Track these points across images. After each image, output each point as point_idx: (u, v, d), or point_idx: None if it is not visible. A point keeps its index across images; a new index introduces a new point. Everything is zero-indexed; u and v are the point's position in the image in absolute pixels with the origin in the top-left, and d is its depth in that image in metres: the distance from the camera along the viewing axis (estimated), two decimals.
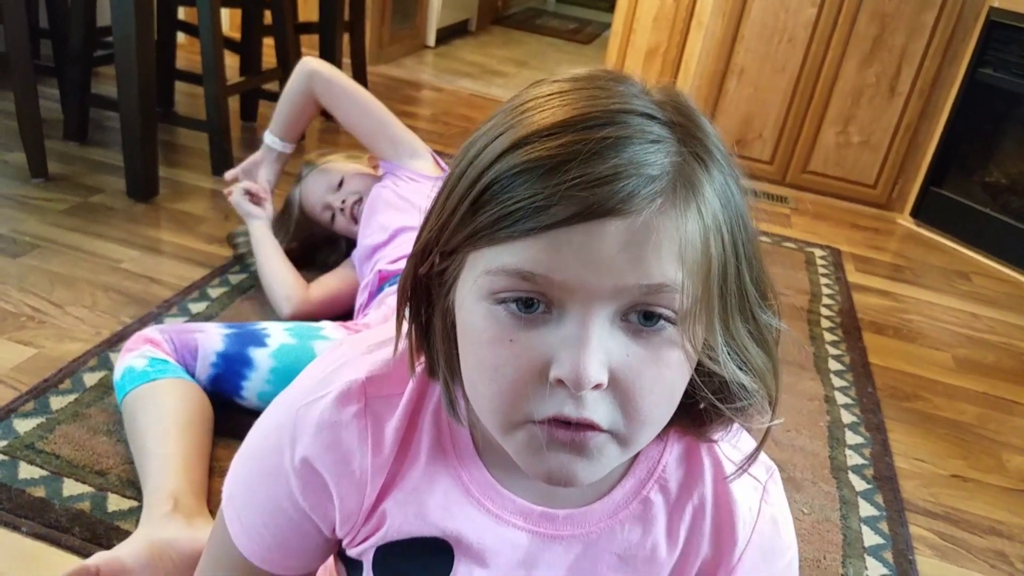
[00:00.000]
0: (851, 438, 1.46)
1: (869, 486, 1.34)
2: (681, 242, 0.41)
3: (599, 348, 0.41)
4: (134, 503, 1.04)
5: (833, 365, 1.71)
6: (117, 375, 1.17)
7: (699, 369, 0.46)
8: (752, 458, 0.52)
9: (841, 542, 1.19)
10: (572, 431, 0.42)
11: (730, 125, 2.88)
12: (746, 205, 0.46)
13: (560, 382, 0.41)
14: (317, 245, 1.79)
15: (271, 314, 1.51)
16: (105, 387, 1.25)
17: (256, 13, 2.48)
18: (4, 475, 1.06)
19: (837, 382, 1.64)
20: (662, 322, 0.42)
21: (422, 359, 0.51)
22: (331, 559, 0.64)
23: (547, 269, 0.40)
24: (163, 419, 1.09)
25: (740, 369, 0.46)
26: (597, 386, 0.41)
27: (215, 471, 1.11)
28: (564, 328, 0.41)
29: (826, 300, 2.03)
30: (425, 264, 0.46)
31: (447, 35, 4.48)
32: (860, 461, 1.40)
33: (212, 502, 1.05)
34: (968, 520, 1.32)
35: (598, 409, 0.42)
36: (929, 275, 2.36)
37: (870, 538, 1.21)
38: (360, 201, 1.62)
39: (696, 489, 0.53)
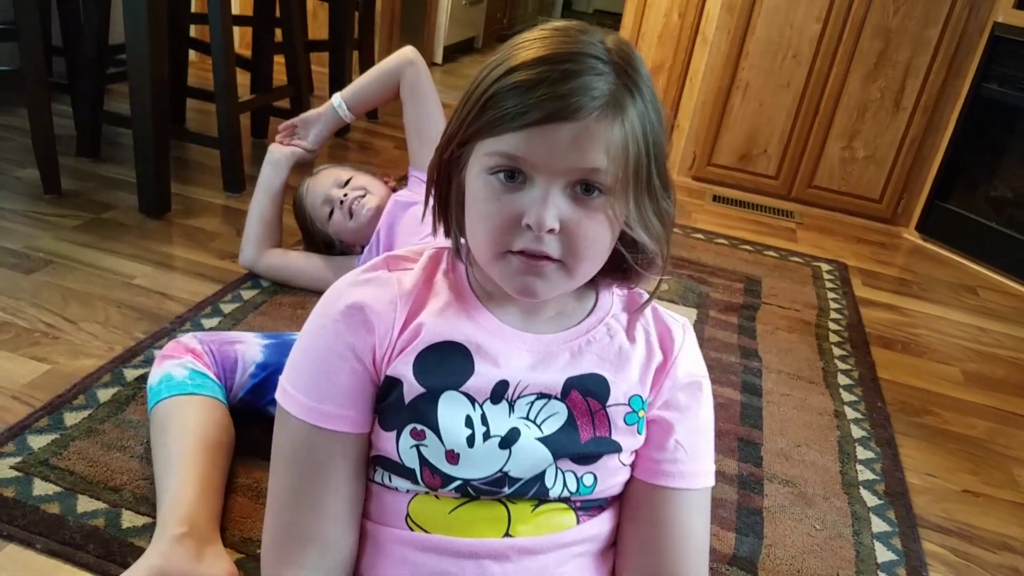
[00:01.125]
0: (862, 453, 1.46)
1: (881, 502, 1.33)
2: (608, 142, 0.62)
3: (554, 207, 0.63)
4: (148, 519, 1.05)
5: (842, 380, 1.71)
6: (154, 379, 1.16)
7: (621, 237, 0.69)
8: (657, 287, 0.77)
9: (854, 559, 1.19)
10: (534, 261, 0.65)
11: (735, 140, 2.90)
12: (662, 127, 0.67)
13: (528, 227, 0.63)
14: (316, 246, 1.76)
15: (283, 329, 1.52)
16: (119, 403, 1.26)
17: (267, 31, 2.51)
18: (19, 492, 1.06)
19: (846, 396, 1.64)
20: (596, 192, 0.64)
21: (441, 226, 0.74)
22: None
23: (524, 153, 0.63)
24: (192, 436, 1.08)
25: (645, 233, 0.68)
26: (551, 231, 0.63)
27: (229, 488, 1.12)
28: (533, 192, 0.64)
29: (834, 315, 2.03)
30: (448, 151, 0.69)
31: (454, 52, 4.51)
32: (871, 476, 1.40)
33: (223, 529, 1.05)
34: (981, 536, 1.32)
35: (552, 245, 0.64)
36: (936, 289, 2.36)
37: (883, 554, 1.21)
38: (363, 197, 1.62)
39: (639, 320, 0.77)
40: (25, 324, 1.45)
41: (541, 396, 0.71)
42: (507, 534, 0.70)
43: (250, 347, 1.23)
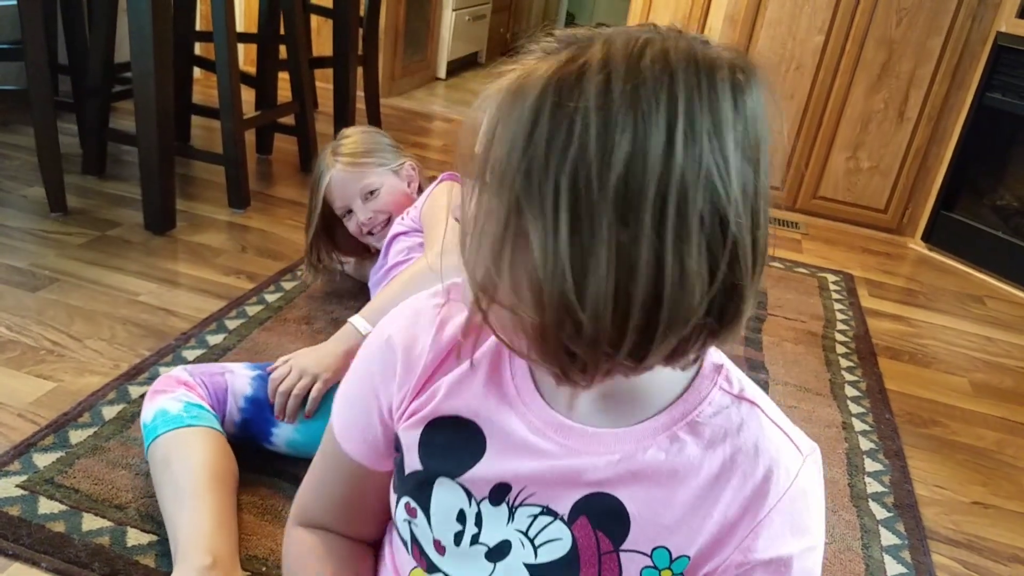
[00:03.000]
0: (870, 465, 1.45)
1: (890, 514, 1.32)
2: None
3: None
4: (153, 537, 1.04)
5: (850, 391, 1.70)
6: (148, 416, 1.12)
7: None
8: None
9: (863, 572, 1.18)
10: None
11: None
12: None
13: None
14: (335, 227, 1.72)
15: (288, 346, 1.52)
16: (124, 420, 1.26)
17: (271, 48, 2.52)
18: (24, 510, 1.06)
19: (854, 408, 1.63)
20: None
21: None
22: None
23: None
24: (200, 469, 1.05)
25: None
26: None
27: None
28: None
29: (840, 325, 2.03)
30: None
31: (458, 67, 4.53)
32: (880, 489, 1.39)
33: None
34: (991, 548, 1.30)
35: None
36: (943, 299, 2.35)
37: (893, 568, 1.20)
38: (388, 223, 1.60)
39: (731, 439, 0.55)
40: (31, 342, 1.45)
41: (546, 512, 0.57)
42: None
43: (239, 378, 1.20)
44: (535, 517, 0.58)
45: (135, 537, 1.04)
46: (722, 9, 2.74)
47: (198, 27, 2.68)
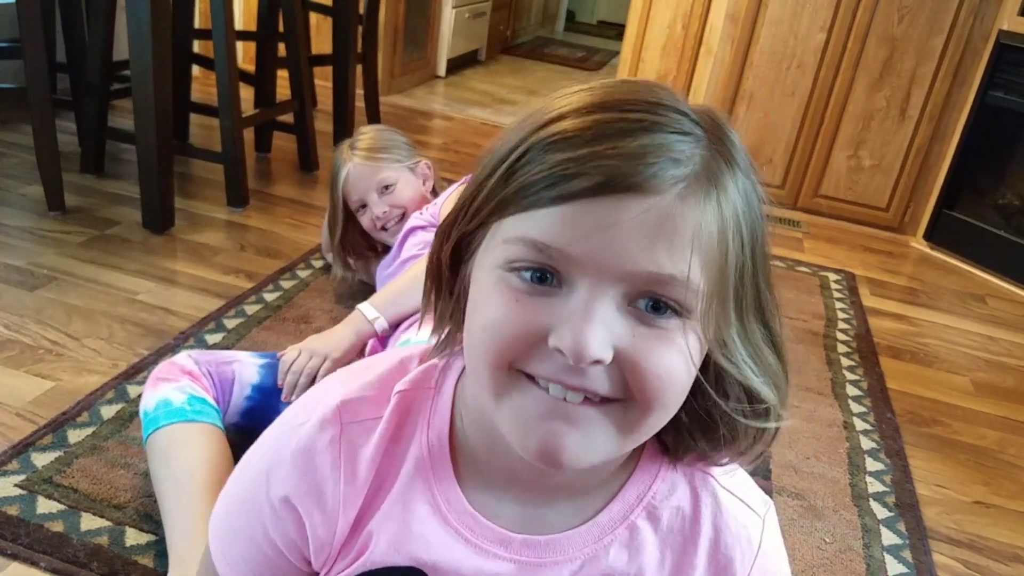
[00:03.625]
0: (871, 464, 1.44)
1: (891, 514, 1.32)
2: (698, 232, 0.41)
3: (602, 325, 0.40)
4: (151, 537, 1.04)
5: (851, 391, 1.70)
6: (149, 404, 1.10)
7: (711, 375, 0.45)
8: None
9: (864, 572, 1.17)
10: (567, 402, 0.42)
11: None
12: (764, 221, 0.46)
13: (560, 352, 0.41)
14: (347, 225, 1.72)
15: (287, 345, 1.51)
16: (122, 420, 1.25)
17: (270, 46, 2.51)
18: (22, 510, 1.05)
19: (855, 408, 1.63)
20: (670, 313, 0.42)
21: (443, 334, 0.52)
22: None
23: (563, 242, 0.40)
24: (198, 469, 1.03)
25: (754, 372, 0.45)
26: (598, 362, 0.41)
27: None
28: (571, 302, 0.41)
29: (842, 324, 2.02)
30: (455, 231, 0.47)
31: (457, 65, 4.52)
32: (881, 488, 1.38)
33: None
34: (992, 548, 1.30)
35: (599, 380, 0.42)
36: (944, 298, 2.34)
37: (894, 567, 1.20)
38: (402, 218, 1.62)
39: (689, 519, 0.52)
40: (29, 341, 1.44)
41: None
42: None
43: (246, 367, 1.20)
44: None
45: (133, 537, 1.04)
46: (723, 7, 2.74)
47: (197, 25, 2.67)
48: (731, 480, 0.54)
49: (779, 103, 2.80)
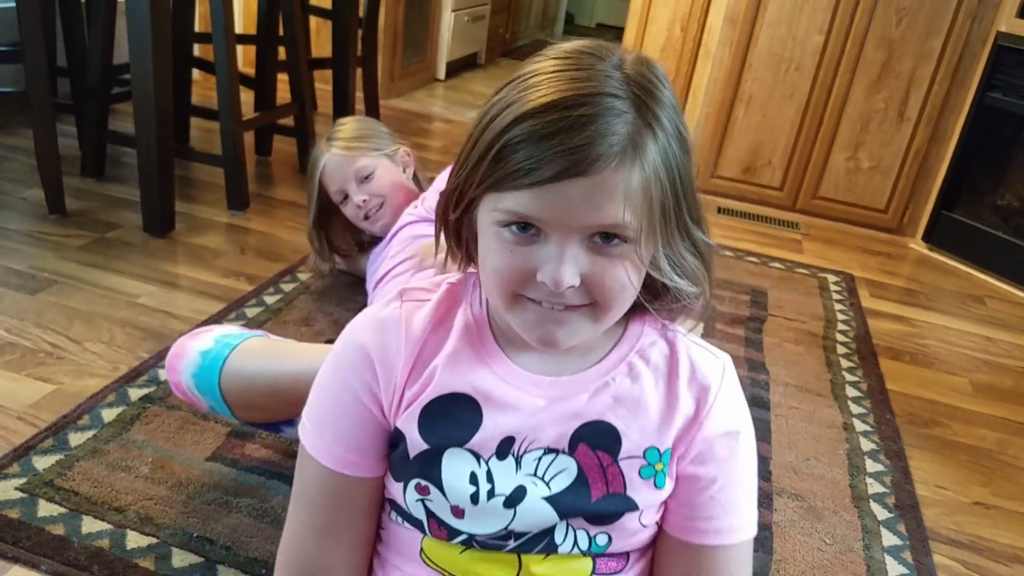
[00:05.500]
0: (871, 466, 1.45)
1: (891, 515, 1.32)
2: (627, 190, 0.58)
3: (571, 263, 0.59)
4: (152, 540, 1.04)
5: (850, 392, 1.70)
6: (205, 344, 1.09)
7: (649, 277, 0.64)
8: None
9: (865, 573, 1.18)
10: (554, 310, 0.61)
11: (739, 152, 2.90)
12: (687, 153, 0.62)
13: (544, 284, 0.59)
14: (331, 219, 1.74)
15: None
16: (123, 423, 1.26)
17: (270, 49, 2.52)
18: (24, 513, 1.06)
19: (855, 409, 1.63)
20: (617, 240, 0.59)
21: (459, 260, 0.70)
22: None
23: (534, 212, 0.58)
24: (298, 352, 1.07)
25: (677, 275, 0.64)
26: (571, 287, 0.59)
27: (231, 508, 1.11)
28: (547, 248, 0.59)
29: (841, 326, 2.02)
30: (455, 204, 0.64)
31: (457, 68, 4.53)
32: (881, 489, 1.38)
33: None
34: (992, 548, 1.30)
35: (574, 297, 0.61)
36: (943, 299, 2.35)
37: (894, 568, 1.20)
38: (380, 208, 1.63)
39: (669, 359, 0.71)
40: (30, 344, 1.45)
41: (549, 451, 0.67)
42: None
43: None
44: (539, 459, 0.67)
45: (134, 540, 1.04)
46: (722, 10, 2.74)
47: (197, 28, 2.68)
48: (693, 338, 0.73)
49: (778, 105, 2.80)
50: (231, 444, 1.25)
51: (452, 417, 0.67)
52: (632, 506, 0.67)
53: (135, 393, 1.33)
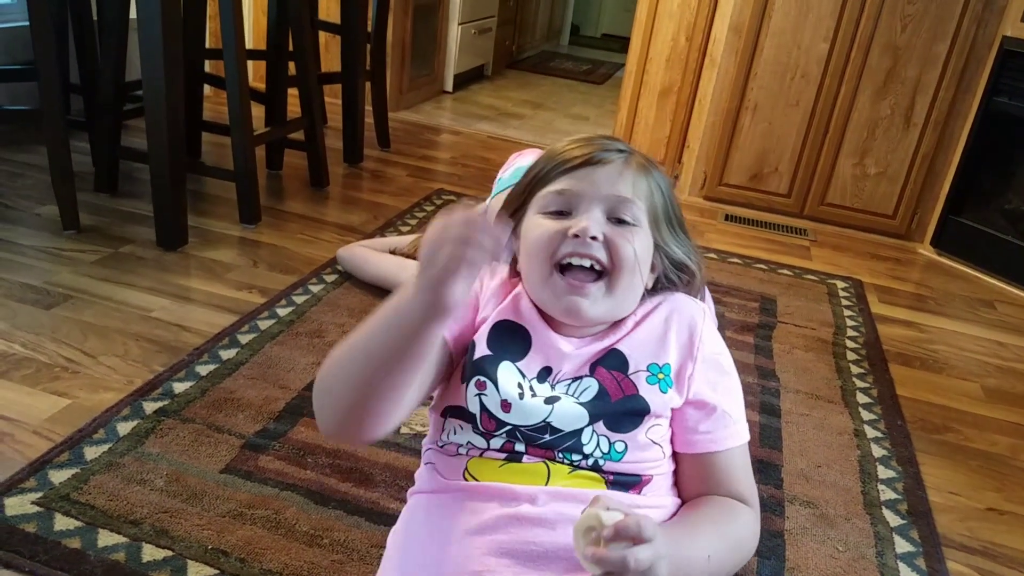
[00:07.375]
0: (883, 472, 1.44)
1: (904, 521, 1.32)
2: (637, 184, 0.86)
3: (595, 221, 0.83)
4: (168, 552, 1.05)
5: (861, 398, 1.70)
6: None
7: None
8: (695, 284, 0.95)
9: None
10: (577, 283, 0.83)
11: (746, 160, 2.90)
12: (672, 204, 0.90)
13: (575, 236, 0.82)
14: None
15: (301, 360, 1.53)
16: (138, 436, 1.27)
17: (280, 65, 2.54)
18: (40, 527, 1.07)
19: (866, 415, 1.63)
20: (627, 224, 0.84)
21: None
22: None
23: (570, 186, 0.85)
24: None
25: (683, 253, 0.90)
26: (594, 238, 0.82)
27: (245, 520, 1.12)
28: (576, 215, 0.84)
29: (851, 332, 2.02)
30: (512, 208, 0.91)
31: (464, 80, 4.55)
32: (893, 496, 1.38)
33: None
34: (1006, 555, 1.30)
35: (597, 251, 0.82)
36: (953, 304, 2.34)
37: (908, 575, 1.19)
38: None
39: (665, 303, 0.92)
40: (45, 359, 1.46)
41: (575, 379, 0.86)
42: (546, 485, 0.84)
43: None
44: (569, 384, 0.86)
45: (150, 553, 1.05)
46: (727, 19, 2.75)
47: (208, 45, 2.71)
48: (690, 299, 0.96)
49: (784, 113, 2.81)
50: (245, 456, 1.26)
51: (511, 338, 0.88)
52: (644, 405, 0.84)
53: (150, 406, 1.35)
